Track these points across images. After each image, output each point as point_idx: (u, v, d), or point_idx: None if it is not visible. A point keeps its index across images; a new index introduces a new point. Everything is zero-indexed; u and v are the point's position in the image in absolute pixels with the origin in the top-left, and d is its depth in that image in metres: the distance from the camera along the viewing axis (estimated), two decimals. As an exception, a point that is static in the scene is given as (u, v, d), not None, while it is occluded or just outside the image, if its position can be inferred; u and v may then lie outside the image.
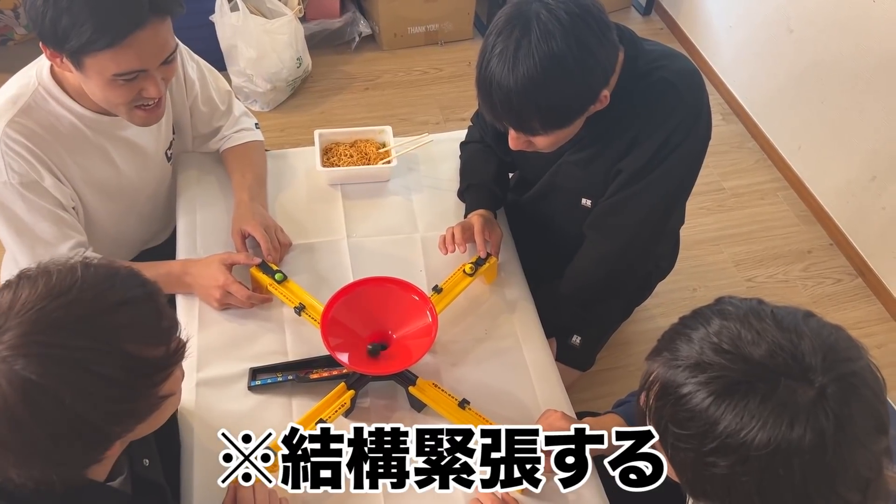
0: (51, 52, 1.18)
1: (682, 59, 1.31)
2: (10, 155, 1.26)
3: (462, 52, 3.03)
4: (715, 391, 0.73)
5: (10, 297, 0.77)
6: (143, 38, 1.15)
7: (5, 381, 0.73)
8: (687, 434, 0.75)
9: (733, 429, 0.71)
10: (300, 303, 1.32)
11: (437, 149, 1.69)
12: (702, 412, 0.73)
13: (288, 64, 2.62)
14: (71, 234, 1.36)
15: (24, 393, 0.73)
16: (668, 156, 1.28)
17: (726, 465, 0.72)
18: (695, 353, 0.77)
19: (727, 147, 2.73)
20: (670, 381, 0.77)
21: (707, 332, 0.78)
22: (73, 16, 1.10)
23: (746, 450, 0.71)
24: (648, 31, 3.21)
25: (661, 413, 0.78)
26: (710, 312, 0.81)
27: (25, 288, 0.77)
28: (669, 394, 0.77)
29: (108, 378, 0.77)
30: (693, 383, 0.75)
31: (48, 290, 0.77)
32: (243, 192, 1.49)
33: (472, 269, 1.39)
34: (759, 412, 0.71)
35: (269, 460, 1.13)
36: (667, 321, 0.84)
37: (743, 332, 0.76)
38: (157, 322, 0.83)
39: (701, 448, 0.74)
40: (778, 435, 0.70)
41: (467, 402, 1.21)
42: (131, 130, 1.41)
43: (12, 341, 0.74)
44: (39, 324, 0.75)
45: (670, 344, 0.80)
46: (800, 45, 2.45)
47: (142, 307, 0.82)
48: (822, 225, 2.48)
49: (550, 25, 1.08)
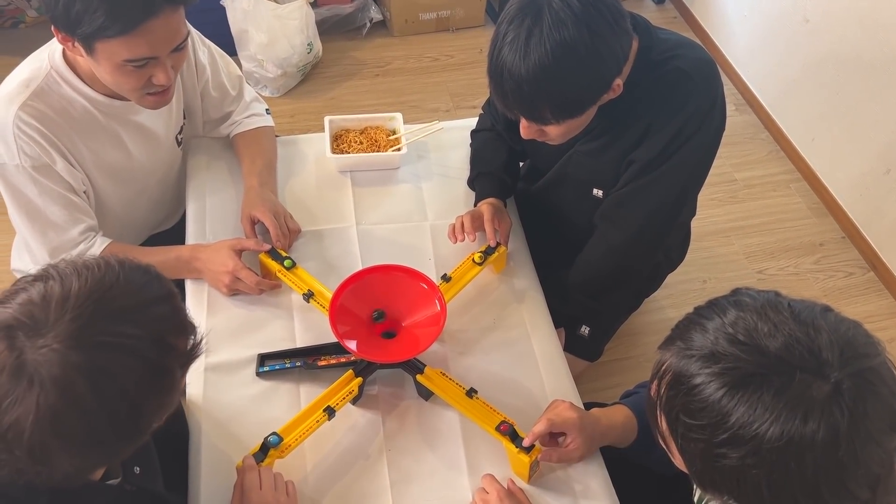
0: (62, 36, 1.18)
1: (697, 49, 1.30)
2: (23, 138, 1.26)
3: (473, 39, 3.01)
4: (728, 382, 0.72)
5: (59, 289, 0.77)
6: (155, 27, 1.15)
7: (72, 371, 0.74)
8: (698, 424, 0.74)
9: (745, 421, 0.71)
10: (309, 289, 1.32)
11: (447, 136, 1.68)
12: (714, 403, 0.73)
13: (298, 49, 2.61)
14: (82, 217, 1.36)
15: (93, 380, 0.74)
16: (680, 146, 1.27)
17: (737, 456, 0.72)
18: (709, 343, 0.76)
19: (740, 138, 2.71)
20: (683, 370, 0.76)
21: (722, 322, 0.77)
22: (86, 1, 1.10)
23: (758, 442, 0.70)
24: (662, 19, 3.18)
25: (673, 403, 0.78)
26: (726, 303, 0.79)
27: (73, 280, 0.78)
28: (682, 383, 0.76)
29: (156, 366, 0.80)
30: (706, 374, 0.74)
31: (97, 281, 0.79)
32: (253, 177, 1.49)
33: (482, 258, 1.39)
34: (772, 405, 0.70)
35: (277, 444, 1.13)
36: (676, 312, 0.84)
37: (759, 324, 0.75)
38: (184, 317, 0.87)
39: (712, 439, 0.73)
40: (791, 429, 0.69)
41: (475, 391, 1.21)
42: (143, 115, 1.41)
43: (70, 332, 0.75)
44: (97, 314, 0.77)
45: (684, 333, 0.79)
46: (815, 36, 2.42)
47: (173, 301, 0.86)
48: (834, 217, 2.46)
49: (562, 14, 1.07)
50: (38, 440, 0.74)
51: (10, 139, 1.25)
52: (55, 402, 0.73)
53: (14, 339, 0.74)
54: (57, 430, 0.74)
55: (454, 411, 1.23)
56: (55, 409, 0.73)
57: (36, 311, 0.76)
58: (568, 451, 1.15)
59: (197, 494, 1.12)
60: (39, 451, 0.75)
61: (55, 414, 0.73)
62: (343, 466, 1.17)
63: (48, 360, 0.73)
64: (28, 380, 0.73)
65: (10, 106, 1.25)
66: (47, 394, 0.73)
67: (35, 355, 0.74)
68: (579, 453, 1.15)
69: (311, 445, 1.17)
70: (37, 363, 0.73)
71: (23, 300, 0.77)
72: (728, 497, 0.77)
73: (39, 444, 0.74)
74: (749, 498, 0.74)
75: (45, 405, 0.73)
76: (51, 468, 0.78)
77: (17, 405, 0.73)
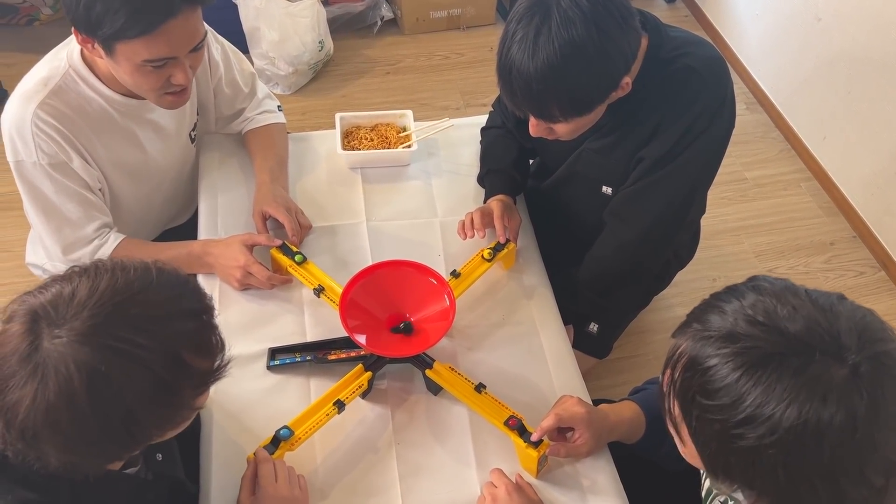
0: (83, 38, 1.20)
1: (706, 47, 1.30)
2: (40, 136, 1.27)
3: (484, 38, 3.02)
4: (747, 362, 0.72)
5: (88, 285, 0.79)
6: (174, 27, 1.17)
7: (74, 366, 0.75)
8: (715, 405, 0.74)
9: (763, 401, 0.71)
10: (319, 284, 1.33)
11: (457, 134, 1.69)
12: (732, 383, 0.73)
13: (310, 47, 2.62)
14: (97, 215, 1.38)
15: (90, 380, 0.76)
16: (690, 144, 1.27)
17: (754, 436, 0.72)
18: (728, 324, 0.76)
19: (750, 137, 2.70)
20: (700, 351, 0.76)
21: (741, 304, 0.77)
22: (107, 3, 1.12)
23: (776, 423, 0.70)
24: (673, 18, 3.17)
25: (689, 384, 0.77)
26: (744, 288, 0.80)
27: (104, 279, 0.80)
28: (699, 363, 0.76)
29: (163, 381, 0.80)
30: (724, 353, 0.74)
31: (126, 285, 0.80)
32: (265, 174, 1.50)
33: (491, 254, 1.39)
34: (791, 386, 0.70)
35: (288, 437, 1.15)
36: (685, 310, 0.84)
37: (779, 307, 0.75)
38: (210, 336, 0.87)
39: (729, 419, 0.73)
40: (809, 410, 0.69)
41: (484, 386, 1.22)
42: (157, 113, 1.42)
43: (83, 329, 0.76)
44: (113, 317, 0.78)
45: (701, 316, 0.79)
46: (827, 34, 2.41)
47: (201, 319, 0.86)
48: (845, 217, 2.45)
49: (571, 12, 1.08)
50: (30, 426, 0.76)
51: (28, 137, 1.27)
52: (51, 394, 0.75)
53: (36, 325, 0.77)
54: (48, 421, 0.76)
55: (463, 406, 1.24)
56: (49, 400, 0.75)
57: (61, 304, 0.78)
58: (576, 446, 1.15)
59: (208, 485, 1.13)
60: (31, 436, 0.77)
61: (49, 405, 0.75)
62: (352, 459, 1.18)
63: (57, 353, 0.76)
64: (34, 366, 0.76)
65: (28, 104, 1.27)
66: (46, 384, 0.75)
67: (49, 344, 0.76)
68: (587, 448, 1.16)
69: (321, 438, 1.18)
70: (47, 353, 0.76)
71: (56, 290, 0.79)
72: (739, 484, 0.77)
73: (31, 430, 0.77)
74: (763, 480, 0.74)
75: (42, 395, 0.75)
76: (42, 455, 0.79)
77: (19, 388, 0.76)
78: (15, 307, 0.80)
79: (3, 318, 0.80)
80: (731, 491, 0.81)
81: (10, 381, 0.76)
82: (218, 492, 1.12)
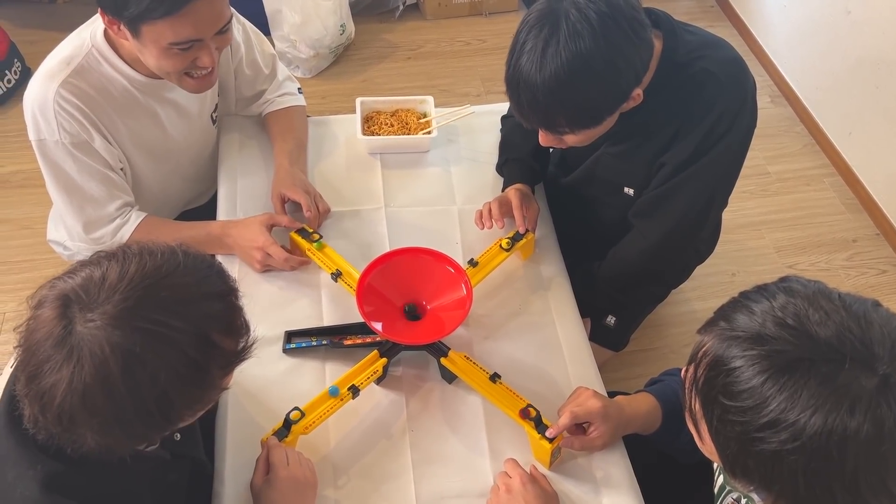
0: (109, 20, 1.20)
1: (723, 48, 1.28)
2: (63, 115, 1.28)
3: (506, 24, 2.99)
4: (774, 365, 0.71)
5: (117, 269, 0.80)
6: (200, 8, 1.17)
7: (108, 349, 0.76)
8: (738, 407, 0.73)
9: (788, 406, 0.69)
10: (337, 269, 1.33)
11: (477, 121, 1.68)
12: (757, 386, 0.71)
13: (331, 30, 2.61)
14: (118, 194, 1.39)
15: (125, 362, 0.76)
16: (711, 147, 1.26)
17: (777, 441, 0.70)
18: (756, 325, 0.74)
19: (774, 130, 2.66)
20: (726, 351, 0.75)
21: (771, 305, 0.75)
22: None
23: (800, 429, 0.69)
24: (699, 9, 3.13)
25: (713, 384, 0.76)
26: (775, 288, 0.78)
27: (133, 263, 0.80)
28: (724, 363, 0.75)
29: (194, 361, 0.80)
30: (750, 355, 0.73)
31: (155, 268, 0.81)
32: (284, 157, 1.50)
33: (509, 244, 1.39)
34: (818, 392, 0.69)
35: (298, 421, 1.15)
36: (703, 304, 0.83)
37: (811, 311, 0.73)
38: (237, 317, 0.88)
39: (752, 422, 0.72)
40: (836, 420, 0.68)
41: (498, 375, 1.22)
42: (180, 93, 1.42)
43: (116, 312, 0.77)
44: (145, 300, 0.78)
45: (728, 315, 0.78)
46: (857, 28, 2.36)
47: (229, 301, 0.87)
48: (868, 214, 2.42)
49: (579, 25, 1.06)
50: (66, 409, 0.77)
51: (51, 115, 1.28)
52: (87, 377, 0.76)
53: (68, 309, 0.77)
54: (84, 404, 0.77)
55: (477, 395, 1.24)
56: (86, 384, 0.76)
57: (92, 288, 0.78)
58: (591, 440, 1.15)
59: (222, 466, 1.14)
60: (67, 420, 0.78)
61: (86, 388, 0.76)
62: (366, 445, 1.19)
63: (92, 336, 0.76)
64: (69, 350, 0.76)
65: (50, 83, 1.27)
66: (82, 367, 0.76)
67: (82, 328, 0.76)
68: (602, 441, 1.15)
69: (335, 423, 1.19)
70: (81, 336, 0.76)
71: (86, 275, 0.80)
72: (756, 485, 0.77)
73: (68, 413, 0.77)
74: (782, 485, 0.73)
75: (79, 378, 0.76)
76: (77, 438, 0.80)
77: (54, 372, 0.76)
78: (45, 292, 0.80)
79: (32, 303, 0.81)
80: (747, 491, 0.80)
81: (44, 365, 0.77)
82: (231, 472, 1.13)
